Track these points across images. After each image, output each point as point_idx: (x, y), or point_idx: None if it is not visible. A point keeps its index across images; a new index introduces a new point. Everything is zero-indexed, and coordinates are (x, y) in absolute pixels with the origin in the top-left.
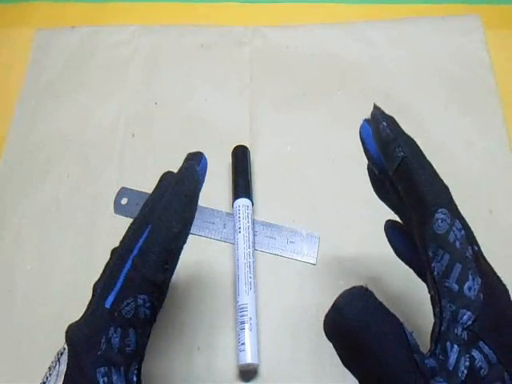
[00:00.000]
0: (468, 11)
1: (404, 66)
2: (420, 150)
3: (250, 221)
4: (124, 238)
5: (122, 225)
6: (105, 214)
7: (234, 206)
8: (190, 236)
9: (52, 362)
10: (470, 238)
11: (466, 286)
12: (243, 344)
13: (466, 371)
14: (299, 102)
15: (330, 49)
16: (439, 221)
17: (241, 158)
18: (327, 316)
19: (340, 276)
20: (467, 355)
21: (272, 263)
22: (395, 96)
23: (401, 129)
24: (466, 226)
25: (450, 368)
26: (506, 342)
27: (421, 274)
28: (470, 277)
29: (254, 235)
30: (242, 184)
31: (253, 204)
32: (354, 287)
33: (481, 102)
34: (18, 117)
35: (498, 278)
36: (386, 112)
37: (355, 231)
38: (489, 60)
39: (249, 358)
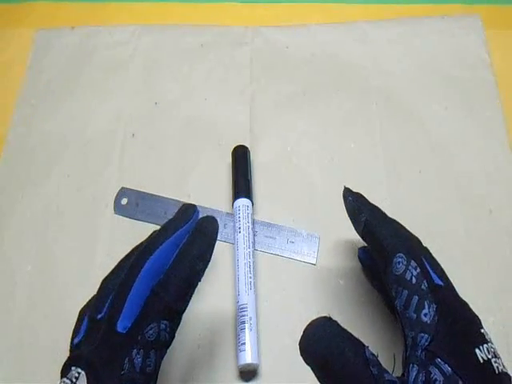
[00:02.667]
0: (468, 11)
1: (404, 65)
2: (381, 213)
3: (250, 221)
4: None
5: (121, 225)
6: (105, 214)
7: (234, 206)
8: None
9: None
10: (424, 273)
11: (422, 314)
12: (243, 344)
13: (421, 380)
14: (299, 102)
15: (329, 49)
16: (397, 264)
17: (241, 157)
18: (299, 343)
19: (340, 276)
20: (424, 371)
21: (272, 263)
22: (395, 96)
23: (365, 200)
24: (421, 264)
25: (410, 380)
26: (460, 354)
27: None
28: (426, 305)
29: (254, 235)
30: (242, 184)
31: (253, 204)
32: (318, 317)
33: (481, 102)
34: (17, 117)
35: (456, 297)
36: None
37: (355, 231)
38: (489, 60)
39: (249, 358)
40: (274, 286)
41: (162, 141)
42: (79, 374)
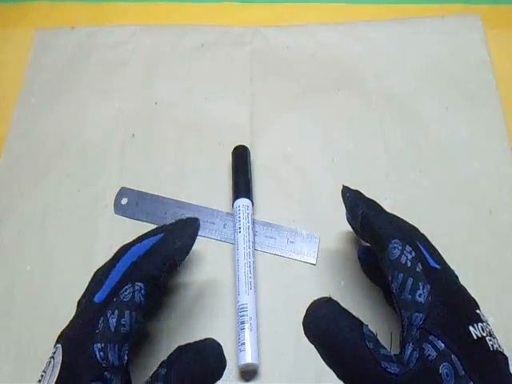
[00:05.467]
0: (468, 11)
1: (404, 65)
2: (378, 206)
3: (250, 221)
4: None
5: (121, 225)
6: (105, 214)
7: (234, 206)
8: None
9: (46, 363)
10: (419, 256)
11: (417, 294)
12: (243, 344)
13: (415, 361)
14: (299, 102)
15: (329, 49)
16: (392, 249)
17: (241, 157)
18: (302, 321)
19: (340, 276)
20: (418, 349)
21: (272, 263)
22: (395, 96)
23: (363, 195)
24: (416, 249)
25: (404, 361)
26: (453, 330)
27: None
28: (421, 286)
29: (254, 235)
30: (242, 184)
31: (253, 204)
32: (320, 297)
33: (481, 102)
34: (17, 117)
35: (452, 280)
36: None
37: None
38: (489, 60)
39: (249, 358)
40: (274, 285)
41: (162, 141)
42: (56, 348)
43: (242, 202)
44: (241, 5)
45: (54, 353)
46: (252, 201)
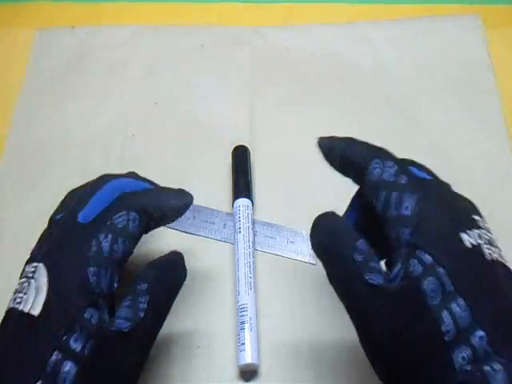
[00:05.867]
0: (468, 11)
1: (404, 65)
2: (353, 140)
3: (250, 221)
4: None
5: None
6: None
7: (234, 206)
8: (190, 236)
9: (21, 284)
10: (402, 169)
11: (403, 208)
12: (243, 344)
13: (400, 279)
14: (299, 102)
15: (329, 49)
16: (374, 169)
17: (241, 158)
18: (310, 232)
19: None
20: (404, 266)
21: (272, 263)
22: (395, 96)
23: (336, 137)
24: (397, 161)
25: (391, 277)
26: (442, 240)
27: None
28: (406, 198)
29: (254, 235)
30: (242, 184)
31: (253, 204)
32: (326, 211)
33: (481, 102)
34: (18, 117)
35: (445, 189)
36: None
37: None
38: (489, 60)
39: (249, 358)
40: (274, 286)
41: (162, 141)
42: (35, 267)
43: (242, 202)
44: (241, 5)
45: (34, 272)
46: (252, 201)
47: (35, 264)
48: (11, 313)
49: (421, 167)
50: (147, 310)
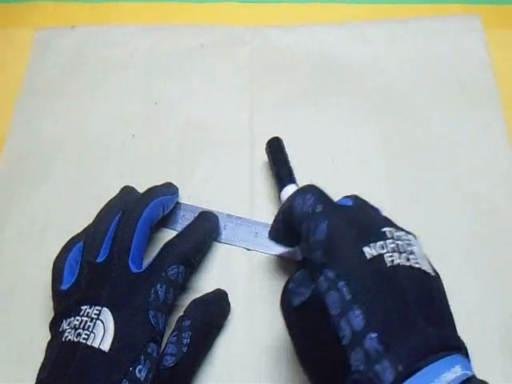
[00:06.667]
0: (468, 11)
1: (404, 66)
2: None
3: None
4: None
5: None
6: None
7: (281, 195)
8: None
9: (86, 322)
10: (319, 199)
11: (317, 234)
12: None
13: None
14: (299, 102)
15: (330, 49)
16: (295, 202)
17: (277, 149)
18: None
19: None
20: (314, 285)
21: (272, 263)
22: (395, 96)
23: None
24: (315, 193)
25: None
26: (346, 257)
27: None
28: (320, 223)
29: (255, 236)
30: (284, 173)
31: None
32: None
33: (481, 102)
34: (18, 117)
35: (364, 208)
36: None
37: None
38: (489, 60)
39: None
40: (274, 285)
41: (162, 141)
42: (99, 310)
43: (291, 187)
44: (241, 5)
45: (98, 314)
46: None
47: (99, 308)
48: (76, 346)
49: (349, 197)
50: (189, 344)
